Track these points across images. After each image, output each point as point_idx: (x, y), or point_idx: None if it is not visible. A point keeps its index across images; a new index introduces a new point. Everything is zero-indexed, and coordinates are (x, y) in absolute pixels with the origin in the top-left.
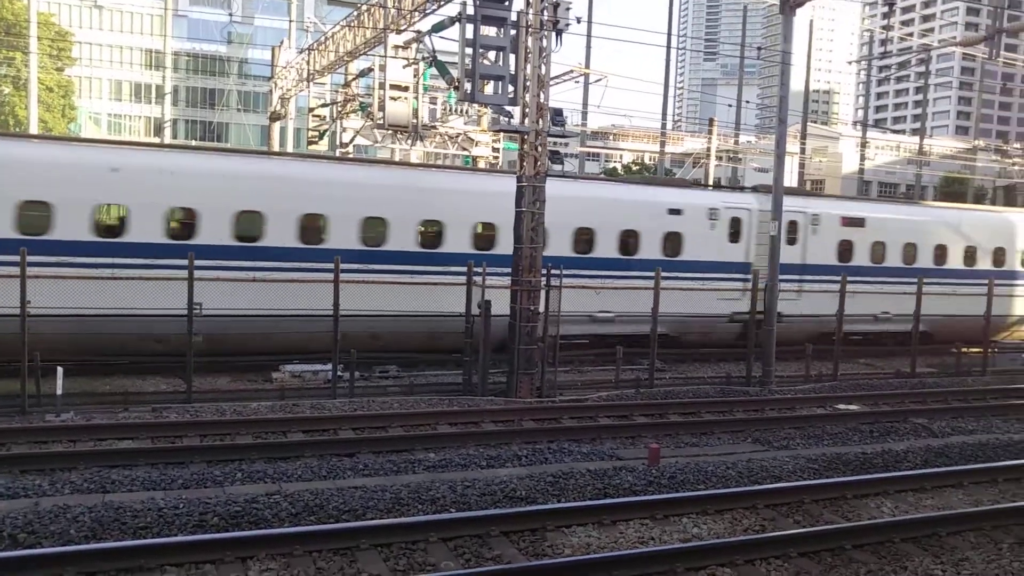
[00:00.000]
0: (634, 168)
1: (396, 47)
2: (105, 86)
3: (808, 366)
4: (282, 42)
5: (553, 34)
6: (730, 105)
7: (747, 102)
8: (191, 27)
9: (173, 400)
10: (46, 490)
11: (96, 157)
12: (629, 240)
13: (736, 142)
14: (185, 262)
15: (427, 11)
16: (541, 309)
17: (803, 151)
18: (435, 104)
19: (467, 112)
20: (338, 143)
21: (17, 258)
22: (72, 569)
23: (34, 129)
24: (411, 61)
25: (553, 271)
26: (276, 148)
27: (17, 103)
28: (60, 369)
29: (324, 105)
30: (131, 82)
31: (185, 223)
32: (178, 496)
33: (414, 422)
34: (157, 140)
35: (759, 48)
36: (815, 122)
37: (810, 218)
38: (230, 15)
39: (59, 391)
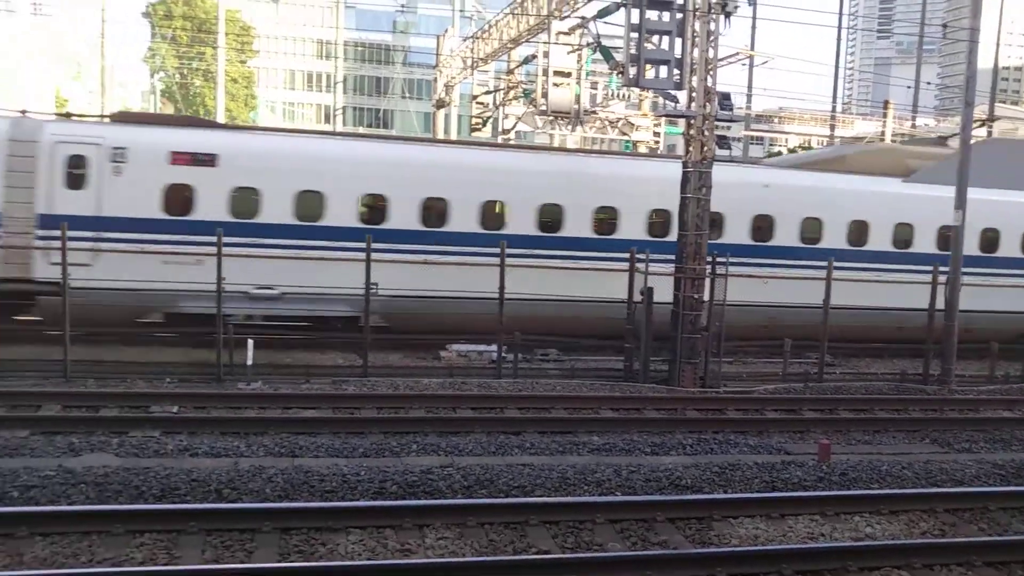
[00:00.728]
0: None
1: (560, 33)
2: (280, 76)
3: (993, 366)
4: (446, 30)
5: (722, 16)
6: (908, 87)
7: (927, 83)
8: (359, 17)
9: (350, 374)
10: (243, 452)
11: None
12: None
13: (913, 125)
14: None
15: None
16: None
17: (990, 135)
18: (596, 89)
19: (628, 97)
20: (500, 129)
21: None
22: (269, 524)
23: (220, 117)
24: (575, 48)
25: None
26: (440, 135)
27: (206, 94)
28: (251, 341)
29: (487, 92)
30: (304, 72)
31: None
32: (359, 464)
33: (577, 405)
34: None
35: (944, 25)
36: (1004, 102)
37: (109, 152)
38: (401, 7)
39: (249, 362)
